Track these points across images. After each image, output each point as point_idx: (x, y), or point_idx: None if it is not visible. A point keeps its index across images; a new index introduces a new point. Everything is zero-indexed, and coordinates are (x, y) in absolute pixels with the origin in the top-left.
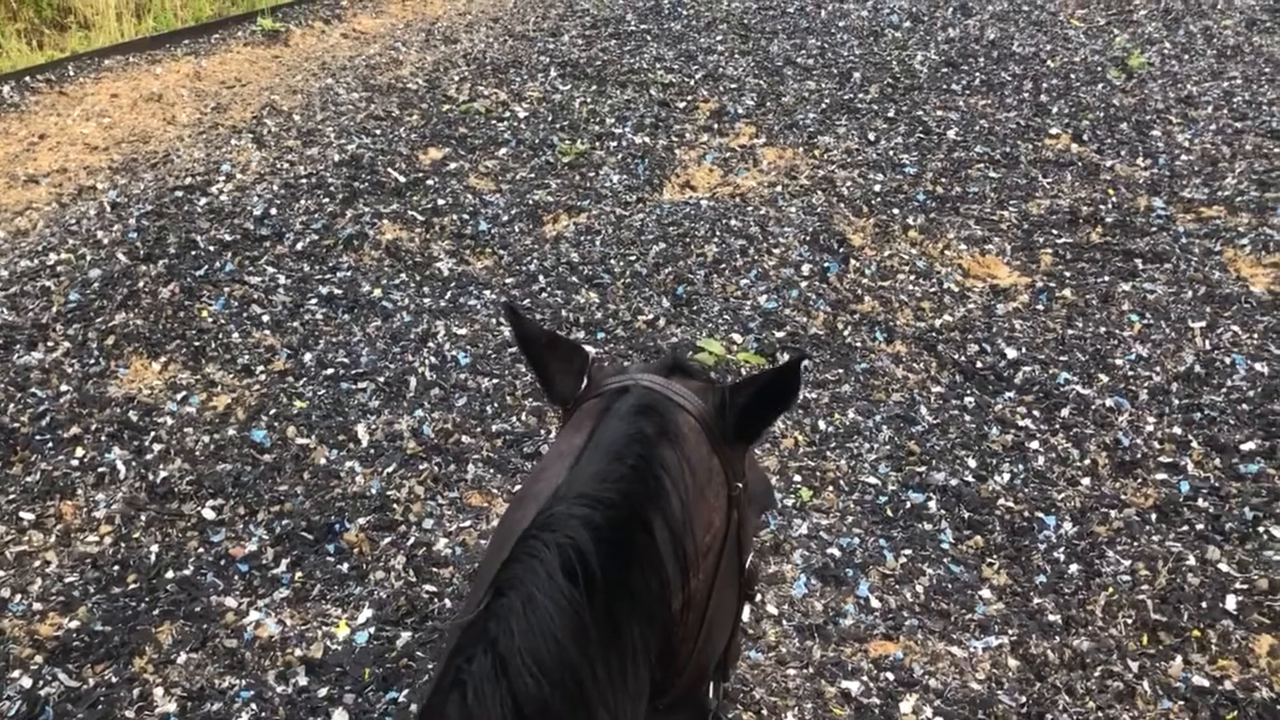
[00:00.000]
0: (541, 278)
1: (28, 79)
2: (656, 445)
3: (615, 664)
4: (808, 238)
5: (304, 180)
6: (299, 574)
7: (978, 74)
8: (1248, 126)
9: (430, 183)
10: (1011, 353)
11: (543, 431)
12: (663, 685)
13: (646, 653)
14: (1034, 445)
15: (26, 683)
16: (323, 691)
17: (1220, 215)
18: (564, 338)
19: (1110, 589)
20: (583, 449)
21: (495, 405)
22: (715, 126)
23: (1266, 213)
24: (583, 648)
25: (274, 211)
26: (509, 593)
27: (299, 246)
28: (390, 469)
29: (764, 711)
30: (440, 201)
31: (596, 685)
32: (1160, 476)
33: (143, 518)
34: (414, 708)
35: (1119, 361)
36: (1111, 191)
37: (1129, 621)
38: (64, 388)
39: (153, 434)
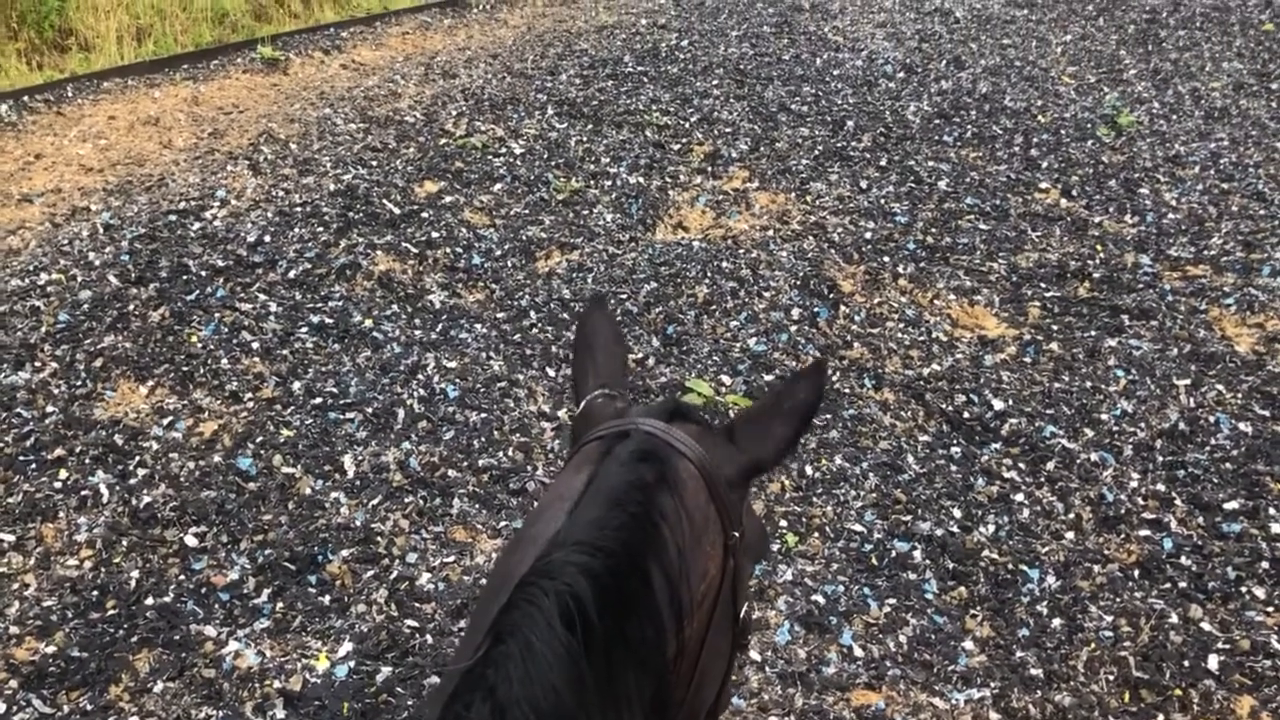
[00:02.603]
0: (533, 313)
1: (25, 98)
2: (656, 493)
3: (611, 713)
4: (798, 282)
5: (299, 209)
6: (280, 605)
7: (969, 126)
8: (1234, 188)
9: (425, 215)
10: (998, 404)
11: (529, 468)
12: None
13: (641, 701)
14: (1019, 497)
15: (0, 708)
16: None
17: (1206, 274)
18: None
19: (1093, 644)
20: (582, 493)
21: (482, 439)
22: (709, 169)
23: (1252, 273)
24: (580, 696)
25: (267, 239)
26: (507, 639)
27: (291, 274)
28: (375, 501)
29: None
30: (434, 234)
31: None
32: (1144, 533)
33: (124, 543)
34: None
35: (1104, 416)
36: (1099, 247)
37: (1111, 678)
38: (50, 409)
39: (137, 458)
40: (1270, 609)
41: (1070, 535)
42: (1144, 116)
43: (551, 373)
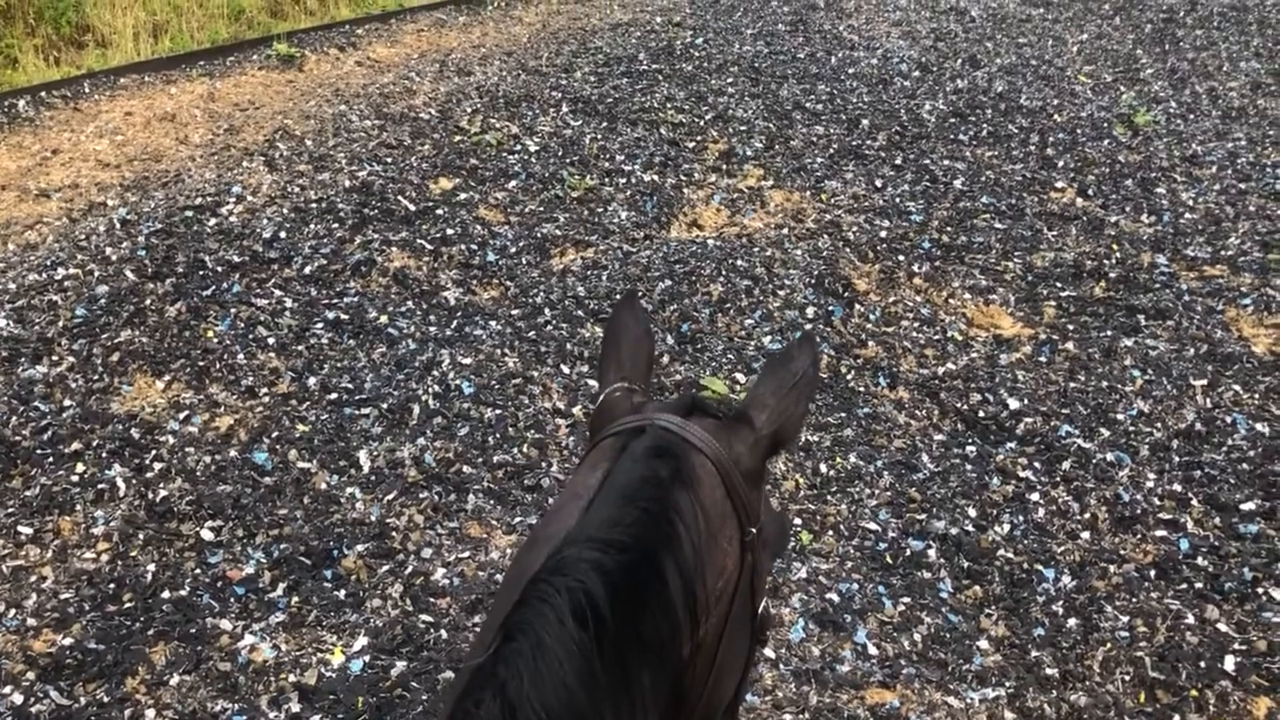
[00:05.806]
0: (547, 310)
1: (43, 94)
2: (671, 489)
3: (624, 709)
4: (813, 281)
5: (314, 205)
6: (295, 599)
7: (985, 125)
8: (1251, 187)
9: (440, 212)
10: (1014, 403)
11: (543, 464)
12: None
13: (655, 697)
14: (1034, 497)
15: (18, 699)
16: (315, 719)
17: (1223, 274)
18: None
19: (1109, 644)
20: (597, 490)
21: (497, 436)
22: (724, 167)
23: (1269, 274)
24: (591, 693)
25: (283, 235)
26: (518, 637)
27: (307, 270)
28: (390, 496)
29: None
30: (449, 231)
31: None
32: (1160, 533)
33: (141, 536)
34: None
35: (1120, 416)
36: (1115, 247)
37: (1127, 678)
38: (67, 403)
39: (154, 452)
40: None
41: (1086, 535)
42: (1161, 116)
43: (566, 370)
